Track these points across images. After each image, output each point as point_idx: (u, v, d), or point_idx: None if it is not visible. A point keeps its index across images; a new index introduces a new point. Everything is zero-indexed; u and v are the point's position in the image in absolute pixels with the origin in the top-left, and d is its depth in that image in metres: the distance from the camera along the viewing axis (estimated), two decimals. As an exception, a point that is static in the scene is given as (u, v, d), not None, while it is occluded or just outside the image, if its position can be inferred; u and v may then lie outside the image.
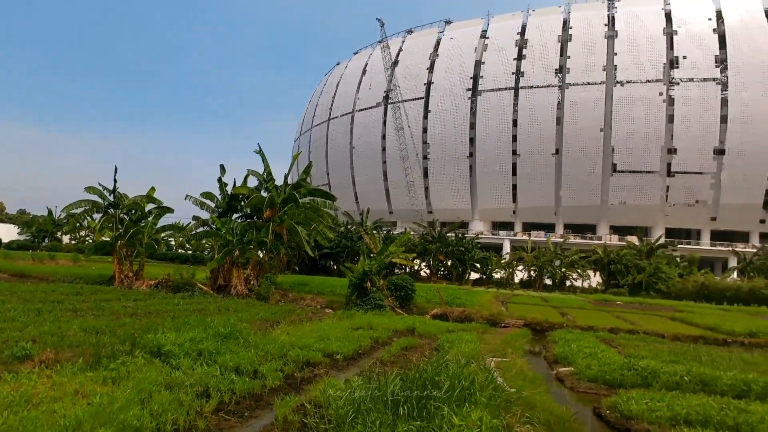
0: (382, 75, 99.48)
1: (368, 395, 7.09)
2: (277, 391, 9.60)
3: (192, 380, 9.01)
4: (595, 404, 11.45)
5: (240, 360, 10.81)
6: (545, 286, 61.69)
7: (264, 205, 32.67)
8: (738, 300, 49.78)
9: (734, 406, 10.48)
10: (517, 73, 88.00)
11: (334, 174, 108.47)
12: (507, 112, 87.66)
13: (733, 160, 77.21)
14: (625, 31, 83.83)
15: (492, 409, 7.01)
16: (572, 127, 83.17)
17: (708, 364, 15.39)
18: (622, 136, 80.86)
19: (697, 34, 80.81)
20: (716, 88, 78.37)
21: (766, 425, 9.49)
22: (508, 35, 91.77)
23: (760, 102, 76.49)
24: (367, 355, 14.46)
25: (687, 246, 77.47)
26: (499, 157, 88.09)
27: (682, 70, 79.70)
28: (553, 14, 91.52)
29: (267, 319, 19.73)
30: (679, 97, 79.38)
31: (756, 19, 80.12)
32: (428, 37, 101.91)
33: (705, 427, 9.31)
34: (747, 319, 30.70)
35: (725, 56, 78.67)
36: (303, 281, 37.70)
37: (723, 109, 77.76)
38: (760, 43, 78.14)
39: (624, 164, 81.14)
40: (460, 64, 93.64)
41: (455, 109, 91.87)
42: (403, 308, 28.90)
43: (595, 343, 18.46)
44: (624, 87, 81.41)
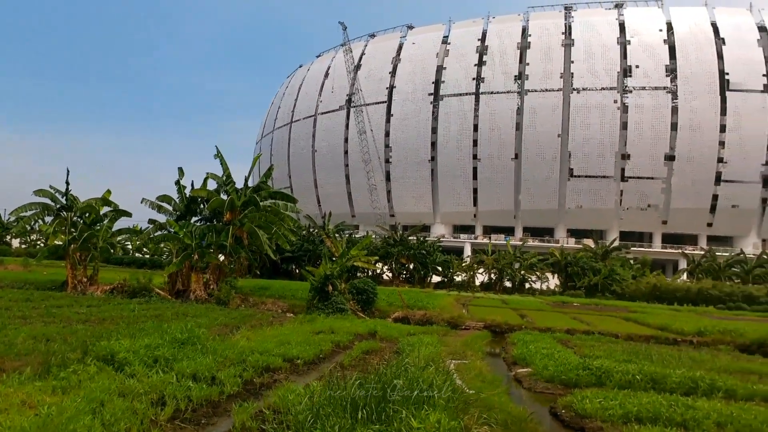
0: (345, 78, 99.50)
1: (327, 400, 7.07)
2: (235, 397, 9.45)
3: (147, 388, 8.78)
4: (551, 404, 11.71)
5: (197, 366, 10.59)
6: (505, 288, 62.77)
7: (224, 208, 32.18)
8: (687, 300, 51.77)
9: (682, 403, 10.88)
10: (477, 79, 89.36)
11: (296, 177, 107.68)
12: (468, 117, 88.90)
13: (683, 166, 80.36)
14: (582, 40, 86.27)
15: (450, 411, 7.09)
16: (531, 132, 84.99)
17: (659, 362, 15.94)
18: (579, 142, 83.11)
19: (649, 44, 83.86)
20: (667, 96, 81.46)
21: (712, 420, 9.89)
22: (469, 41, 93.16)
23: (707, 111, 79.90)
24: (328, 359, 14.40)
25: (640, 249, 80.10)
26: (460, 162, 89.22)
27: (635, 78, 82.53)
28: (513, 22, 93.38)
29: (226, 324, 19.41)
30: (632, 105, 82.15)
31: (703, 31, 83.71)
32: (391, 42, 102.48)
33: (654, 424, 9.62)
34: (695, 319, 31.92)
35: (675, 66, 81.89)
36: (264, 285, 37.23)
37: (673, 117, 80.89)
38: (707, 54, 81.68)
39: (580, 169, 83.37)
40: (422, 68, 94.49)
41: (417, 113, 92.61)
42: (365, 312, 28.89)
43: (553, 344, 18.89)
44: (580, 94, 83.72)
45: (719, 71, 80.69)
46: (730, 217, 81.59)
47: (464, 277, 64.51)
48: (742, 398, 12.25)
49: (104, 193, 33.68)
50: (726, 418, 9.99)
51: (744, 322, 30.62)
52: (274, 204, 34.42)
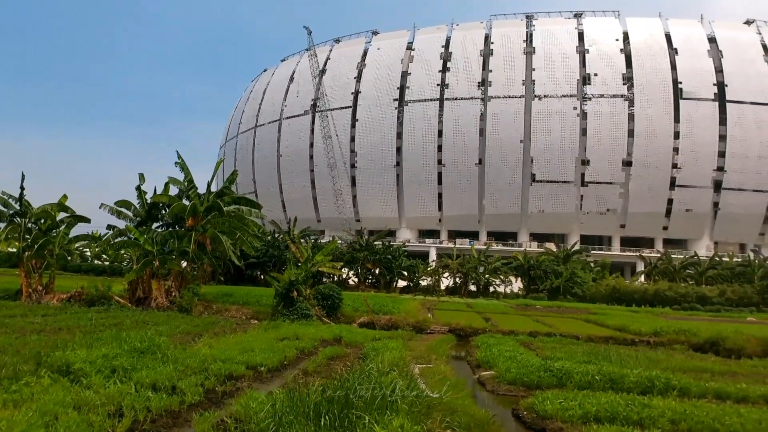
0: (310, 83, 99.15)
1: (290, 407, 7.02)
2: (196, 406, 9.28)
3: (103, 399, 8.55)
4: (513, 406, 11.89)
5: (157, 376, 10.36)
6: (470, 292, 63.43)
7: (186, 214, 31.56)
8: (645, 302, 53.30)
9: (638, 401, 11.20)
10: (442, 85, 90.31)
11: (261, 182, 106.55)
12: (432, 122, 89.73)
13: (640, 172, 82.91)
14: (542, 49, 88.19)
15: (413, 415, 7.13)
16: (494, 138, 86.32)
17: (617, 363, 16.35)
18: (540, 148, 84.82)
19: (607, 53, 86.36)
20: (624, 104, 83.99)
21: (666, 418, 10.22)
22: (433, 48, 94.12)
23: (662, 118, 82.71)
24: (292, 366, 14.28)
25: (599, 252, 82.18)
26: (425, 167, 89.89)
27: (594, 86, 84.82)
28: (476, 29, 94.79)
29: (188, 332, 19.05)
30: (591, 112, 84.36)
31: (658, 41, 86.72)
32: (356, 47, 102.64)
33: (612, 423, 9.87)
34: (652, 320, 32.91)
35: (631, 75, 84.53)
36: (228, 292, 36.67)
37: (630, 124, 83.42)
38: (661, 63, 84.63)
39: (542, 174, 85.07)
40: (387, 74, 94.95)
41: (382, 118, 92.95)
42: (330, 317, 28.78)
43: (515, 347, 19.17)
44: (541, 101, 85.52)
45: (673, 80, 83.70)
46: (684, 221, 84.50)
47: (430, 281, 64.90)
48: (695, 396, 12.70)
49: (60, 198, 32.70)
50: (680, 415, 10.34)
51: (698, 322, 31.71)
52: (238, 209, 33.98)
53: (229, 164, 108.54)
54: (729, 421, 10.10)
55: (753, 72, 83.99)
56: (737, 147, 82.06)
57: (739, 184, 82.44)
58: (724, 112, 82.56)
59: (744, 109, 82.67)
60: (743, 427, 9.88)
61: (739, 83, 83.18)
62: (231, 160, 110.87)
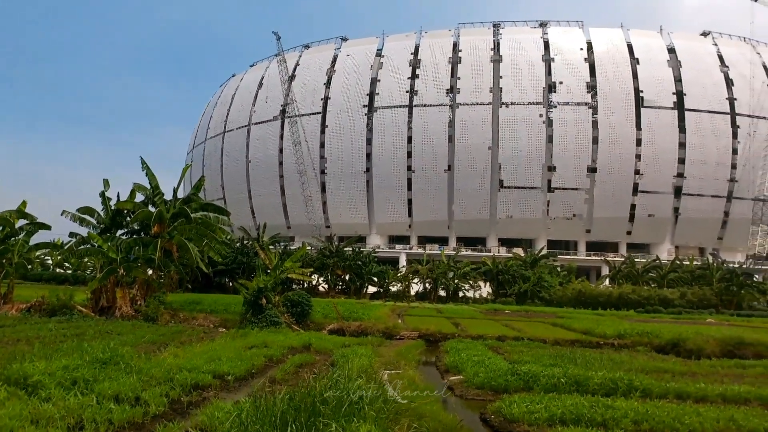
0: (279, 88, 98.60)
1: (256, 416, 6.95)
2: (160, 417, 9.09)
3: (63, 412, 8.30)
4: (481, 410, 11.97)
5: (120, 387, 10.12)
6: (440, 297, 63.83)
7: (152, 221, 30.99)
8: (610, 305, 54.48)
9: (602, 403, 11.43)
10: (411, 92, 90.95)
11: (229, 188, 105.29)
12: (402, 129, 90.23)
13: (604, 178, 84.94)
14: (509, 57, 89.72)
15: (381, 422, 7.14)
16: (463, 144, 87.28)
17: (582, 365, 16.64)
18: (508, 154, 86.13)
19: (571, 62, 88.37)
20: (588, 111, 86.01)
21: (629, 419, 10.46)
22: (402, 55, 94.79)
23: (624, 125, 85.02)
24: (260, 374, 14.12)
25: (566, 256, 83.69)
26: (394, 173, 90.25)
27: (559, 94, 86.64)
28: (444, 37, 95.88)
29: (154, 342, 18.66)
30: (556, 119, 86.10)
31: (620, 51, 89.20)
32: (325, 53, 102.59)
33: (577, 425, 10.05)
34: (617, 322, 33.56)
35: (595, 83, 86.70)
36: (195, 300, 36.04)
37: (594, 131, 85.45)
38: (623, 72, 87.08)
39: (510, 180, 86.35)
40: (356, 80, 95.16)
41: (352, 124, 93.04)
42: (299, 324, 28.55)
43: (484, 351, 19.35)
44: (509, 108, 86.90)
45: (634, 89, 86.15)
46: (646, 226, 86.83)
47: (400, 287, 65.10)
48: (657, 396, 13.02)
49: (20, 204, 31.72)
50: (642, 416, 10.60)
51: (660, 324, 32.52)
52: (206, 216, 33.52)
53: (196, 170, 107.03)
54: (688, 421, 10.41)
55: (710, 82, 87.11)
56: (696, 154, 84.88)
57: (698, 189, 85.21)
58: (683, 120, 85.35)
59: (702, 117, 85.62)
60: (702, 426, 10.19)
61: (696, 92, 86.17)
62: (199, 166, 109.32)
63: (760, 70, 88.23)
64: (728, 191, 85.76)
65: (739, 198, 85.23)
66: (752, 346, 22.96)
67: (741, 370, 18.06)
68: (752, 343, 23.25)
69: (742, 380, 15.81)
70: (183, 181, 36.04)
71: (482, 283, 66.36)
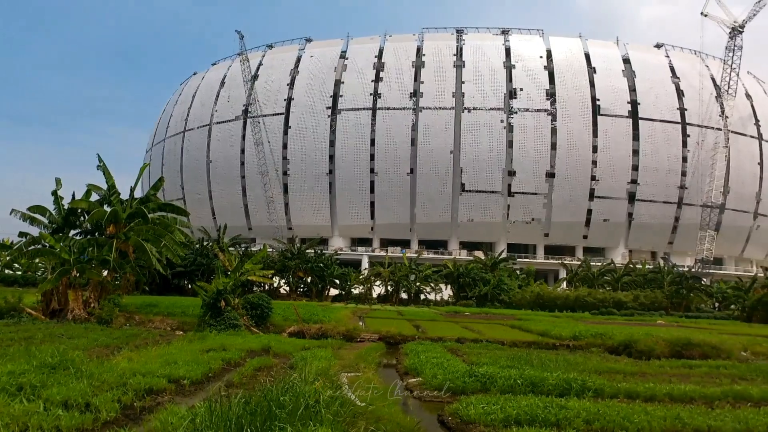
0: (242, 88, 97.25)
1: (211, 421, 6.86)
2: (112, 423, 8.85)
3: (7, 420, 7.99)
4: (439, 412, 12.11)
5: (70, 392, 9.81)
6: (401, 299, 64.10)
7: (106, 221, 30.13)
8: (567, 307, 55.79)
9: (556, 403, 11.73)
10: (374, 95, 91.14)
11: (189, 188, 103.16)
12: (365, 131, 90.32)
13: (561, 183, 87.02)
14: (472, 62, 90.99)
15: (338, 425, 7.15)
16: (425, 148, 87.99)
17: (538, 366, 16.98)
18: (470, 158, 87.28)
19: (531, 69, 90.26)
20: (547, 118, 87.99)
21: (581, 419, 10.77)
22: (366, 57, 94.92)
23: (581, 132, 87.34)
24: (217, 378, 13.91)
25: (525, 260, 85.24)
26: (357, 175, 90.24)
27: (519, 100, 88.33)
28: (408, 41, 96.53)
29: (107, 345, 18.17)
30: (517, 125, 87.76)
31: (578, 60, 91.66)
32: (289, 54, 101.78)
33: (531, 425, 10.27)
34: (572, 324, 34.40)
35: (554, 91, 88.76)
36: (152, 302, 35.17)
37: (553, 137, 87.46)
38: (581, 81, 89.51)
39: (471, 184, 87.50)
40: (320, 82, 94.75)
41: (315, 126, 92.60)
42: (259, 327, 28.24)
43: (443, 353, 19.55)
44: (471, 113, 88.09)
45: (591, 97, 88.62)
46: (602, 230, 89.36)
47: (362, 289, 65.07)
48: (609, 396, 13.42)
49: (-36, 204, 30.32)
50: (593, 415, 10.92)
51: (613, 326, 33.50)
52: (164, 216, 32.85)
53: (155, 169, 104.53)
54: (637, 419, 10.78)
55: (662, 92, 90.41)
56: (649, 161, 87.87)
57: (650, 195, 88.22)
58: (636, 129, 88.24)
59: (654, 126, 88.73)
60: (650, 424, 10.58)
61: (649, 102, 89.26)
62: (158, 165, 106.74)
63: (709, 82, 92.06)
64: (678, 198, 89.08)
65: (689, 204, 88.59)
66: (699, 347, 23.88)
67: (688, 370, 18.79)
68: (699, 344, 24.18)
69: (689, 380, 16.46)
70: (141, 180, 35.23)
71: (443, 286, 66.94)
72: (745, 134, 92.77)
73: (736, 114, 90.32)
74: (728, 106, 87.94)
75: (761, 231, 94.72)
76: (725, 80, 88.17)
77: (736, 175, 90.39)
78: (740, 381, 16.32)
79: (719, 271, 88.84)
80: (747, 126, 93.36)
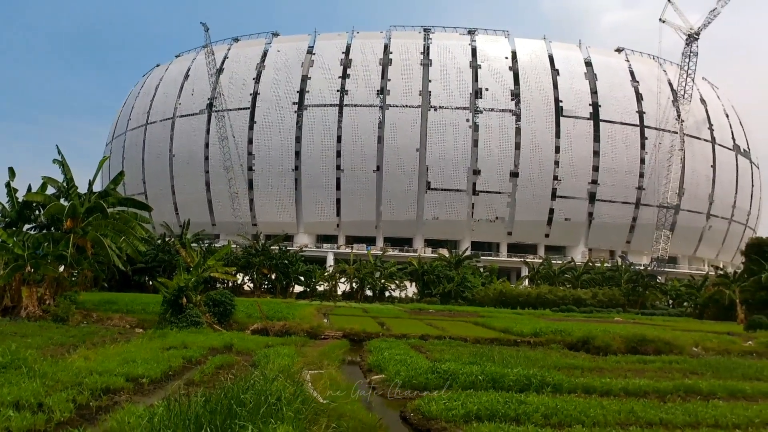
0: (206, 81, 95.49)
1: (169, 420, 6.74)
2: (66, 424, 8.59)
3: (-46, 422, 7.71)
4: (401, 408, 12.21)
5: (21, 393, 9.48)
6: (366, 297, 64.22)
7: (64, 215, 29.19)
8: (528, 304, 56.86)
9: (516, 399, 11.96)
10: (341, 91, 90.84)
11: (151, 183, 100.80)
12: (332, 128, 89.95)
13: (525, 182, 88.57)
14: (438, 61, 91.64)
15: (299, 422, 7.13)
16: (392, 146, 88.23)
17: (499, 363, 17.22)
18: (435, 157, 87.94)
19: (497, 69, 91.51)
20: (512, 118, 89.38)
21: (540, 413, 11.02)
22: (334, 54, 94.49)
23: (544, 133, 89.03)
24: (177, 376, 13.66)
25: (488, 258, 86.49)
26: (324, 172, 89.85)
27: (485, 100, 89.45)
28: (375, 38, 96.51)
29: (63, 344, 17.61)
30: (482, 124, 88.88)
31: (542, 62, 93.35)
32: (255, 47, 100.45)
33: (491, 421, 10.45)
34: (534, 321, 35.05)
35: (518, 91, 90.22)
36: (111, 299, 34.31)
37: (517, 137, 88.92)
38: (545, 82, 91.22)
39: (437, 182, 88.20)
40: (286, 77, 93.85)
41: (281, 121, 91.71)
42: (222, 324, 27.83)
43: (406, 350, 19.66)
44: (437, 112, 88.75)
45: (554, 98, 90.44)
46: (563, 229, 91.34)
47: (326, 286, 64.94)
48: (567, 391, 13.75)
49: None
50: (551, 410, 11.19)
51: (573, 323, 34.34)
52: (124, 211, 32.05)
53: (116, 163, 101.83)
54: (593, 413, 11.11)
55: (621, 95, 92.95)
56: (608, 162, 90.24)
57: (610, 196, 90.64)
58: (597, 130, 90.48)
59: (614, 128, 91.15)
60: (605, 418, 10.92)
61: (610, 104, 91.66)
62: (118, 159, 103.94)
63: (666, 86, 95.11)
64: (636, 198, 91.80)
65: (646, 205, 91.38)
66: (653, 343, 24.69)
67: (642, 365, 19.40)
68: (653, 340, 25.00)
69: (643, 374, 17.01)
70: (100, 174, 34.25)
71: (408, 283, 67.37)
72: (700, 138, 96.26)
73: (691, 118, 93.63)
74: (684, 111, 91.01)
75: (713, 231, 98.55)
76: (681, 85, 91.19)
77: (691, 177, 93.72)
78: (691, 375, 16.95)
79: (674, 270, 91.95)
80: (701, 130, 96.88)
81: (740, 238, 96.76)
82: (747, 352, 25.83)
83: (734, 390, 14.66)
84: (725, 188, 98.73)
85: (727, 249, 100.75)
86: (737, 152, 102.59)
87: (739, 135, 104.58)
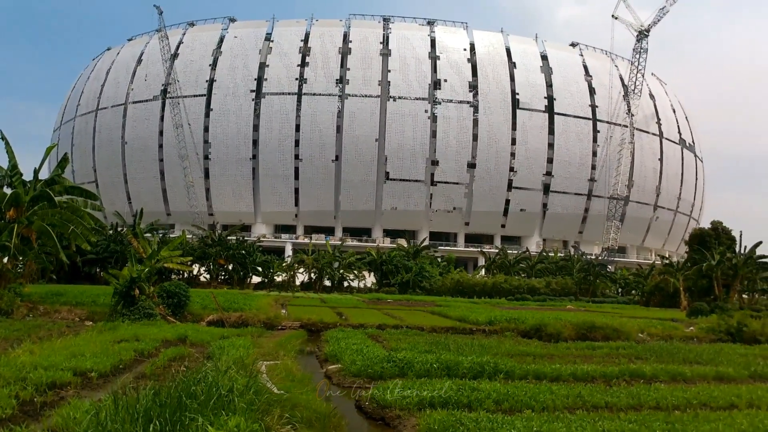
0: (160, 66, 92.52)
1: (117, 414, 6.61)
2: (7, 421, 8.29)
3: None
4: (357, 397, 12.33)
5: (-40, 390, 9.14)
6: (325, 287, 64.01)
7: (6, 204, 27.94)
8: (485, 293, 57.87)
9: (469, 386, 12.28)
10: (300, 79, 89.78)
11: (102, 170, 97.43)
12: (290, 116, 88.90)
13: (482, 173, 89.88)
14: (398, 51, 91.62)
15: (252, 413, 7.12)
16: (350, 135, 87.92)
17: (454, 351, 17.61)
18: (394, 147, 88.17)
19: (455, 61, 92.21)
20: (469, 110, 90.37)
21: (492, 399, 11.35)
22: (292, 41, 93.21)
23: (501, 124, 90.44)
24: (128, 369, 13.38)
25: (446, 248, 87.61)
26: (282, 161, 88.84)
27: (443, 91, 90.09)
28: (335, 27, 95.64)
29: (6, 338, 16.98)
30: (440, 115, 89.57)
31: (500, 54, 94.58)
32: (211, 33, 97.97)
33: (445, 407, 10.69)
34: (489, 310, 35.76)
35: (476, 83, 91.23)
36: (59, 291, 33.05)
37: (474, 129, 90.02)
38: (502, 75, 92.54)
39: (395, 173, 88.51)
40: (244, 64, 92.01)
41: (239, 109, 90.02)
42: (176, 316, 27.31)
43: (363, 340, 19.80)
44: (396, 102, 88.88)
45: (511, 91, 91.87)
46: (519, 220, 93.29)
47: (285, 277, 64.38)
48: (519, 377, 14.20)
49: None
50: (503, 396, 11.56)
51: (526, 311, 35.19)
52: (72, 200, 30.88)
53: (64, 149, 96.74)
54: (543, 398, 11.53)
55: (575, 89, 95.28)
56: (562, 155, 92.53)
57: (563, 187, 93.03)
58: (552, 123, 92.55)
59: (568, 121, 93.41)
60: (554, 402, 11.35)
61: (564, 98, 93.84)
62: (67, 145, 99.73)
63: (618, 81, 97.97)
64: (588, 190, 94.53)
65: (597, 196, 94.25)
66: (601, 330, 25.68)
67: (591, 351, 20.14)
68: (601, 327, 26.00)
69: (591, 360, 17.70)
70: (48, 161, 32.85)
71: (367, 273, 67.47)
72: (648, 132, 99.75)
73: (640, 112, 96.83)
74: (634, 105, 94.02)
75: (660, 222, 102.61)
76: (632, 80, 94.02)
77: (639, 169, 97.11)
78: (636, 360, 17.72)
79: (623, 259, 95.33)
80: (650, 124, 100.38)
81: (685, 229, 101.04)
82: (689, 338, 27.18)
83: (675, 373, 15.43)
84: (671, 181, 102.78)
85: (673, 239, 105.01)
86: (683, 146, 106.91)
87: (684, 129, 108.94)
